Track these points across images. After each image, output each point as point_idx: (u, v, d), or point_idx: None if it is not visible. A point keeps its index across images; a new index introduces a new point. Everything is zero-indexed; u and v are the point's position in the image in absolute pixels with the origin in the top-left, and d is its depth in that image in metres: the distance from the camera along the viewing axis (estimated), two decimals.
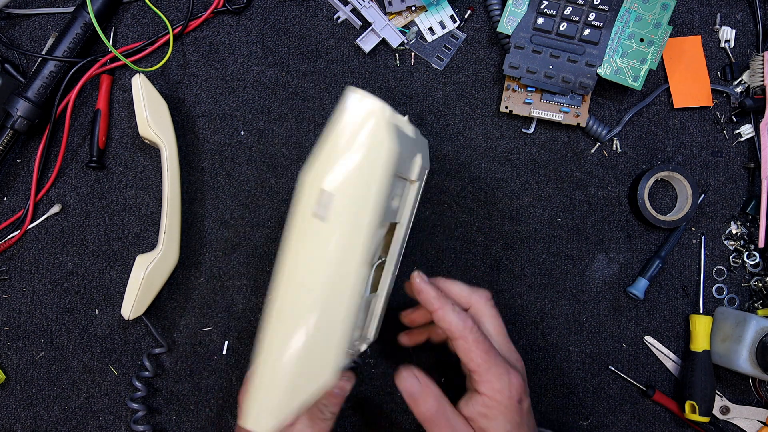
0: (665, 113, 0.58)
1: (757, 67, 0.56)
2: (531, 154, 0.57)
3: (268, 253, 0.56)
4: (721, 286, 0.58)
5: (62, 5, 0.56)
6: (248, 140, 0.56)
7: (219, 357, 0.56)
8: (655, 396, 0.56)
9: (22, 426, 0.55)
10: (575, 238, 0.57)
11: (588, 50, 0.52)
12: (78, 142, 0.56)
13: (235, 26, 0.56)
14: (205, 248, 0.56)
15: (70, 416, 0.55)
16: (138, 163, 0.56)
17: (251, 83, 0.56)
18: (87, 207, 0.56)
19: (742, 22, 0.58)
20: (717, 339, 0.56)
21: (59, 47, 0.53)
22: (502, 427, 0.40)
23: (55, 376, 0.55)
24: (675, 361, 0.58)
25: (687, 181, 0.56)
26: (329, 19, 0.56)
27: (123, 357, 0.56)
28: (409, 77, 0.57)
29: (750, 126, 0.57)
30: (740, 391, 0.58)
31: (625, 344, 0.58)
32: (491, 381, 0.40)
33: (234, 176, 0.56)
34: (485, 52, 0.57)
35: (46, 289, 0.55)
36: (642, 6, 0.52)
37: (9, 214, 0.55)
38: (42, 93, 0.53)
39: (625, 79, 0.53)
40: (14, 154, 0.55)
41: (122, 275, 0.56)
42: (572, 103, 0.55)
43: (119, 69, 0.56)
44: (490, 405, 0.40)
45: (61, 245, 0.56)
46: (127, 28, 0.56)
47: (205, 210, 0.56)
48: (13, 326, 0.55)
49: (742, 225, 0.58)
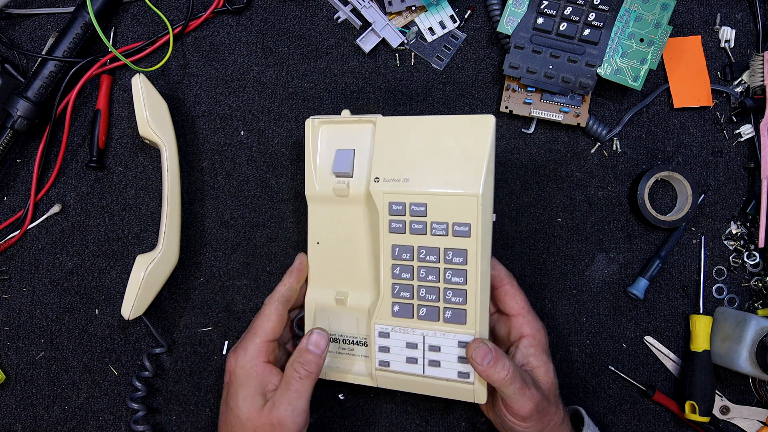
0: (665, 113, 0.58)
1: (757, 67, 0.56)
2: (531, 154, 0.57)
3: (268, 253, 0.56)
4: (721, 286, 0.58)
5: (62, 5, 0.56)
6: (248, 140, 0.56)
7: (219, 357, 0.56)
8: (655, 396, 0.56)
9: (22, 426, 0.55)
10: (575, 238, 0.57)
11: (588, 50, 0.52)
12: (78, 142, 0.56)
13: (235, 26, 0.56)
14: (205, 248, 0.56)
15: (70, 416, 0.55)
16: (138, 163, 0.56)
17: (251, 83, 0.56)
18: (87, 207, 0.56)
19: (742, 22, 0.58)
20: (717, 339, 0.56)
21: (59, 47, 0.53)
22: (545, 360, 0.47)
23: (55, 376, 0.55)
24: (675, 361, 0.58)
25: (687, 181, 0.56)
26: (329, 19, 0.56)
27: (123, 357, 0.56)
28: (409, 77, 0.57)
29: (750, 126, 0.57)
30: (740, 391, 0.58)
31: (625, 344, 0.58)
32: (532, 322, 0.47)
33: (234, 176, 0.56)
34: (485, 52, 0.57)
35: (46, 289, 0.55)
36: (642, 6, 0.52)
37: (9, 214, 0.55)
38: (42, 93, 0.53)
39: (625, 79, 0.53)
40: (14, 154, 0.55)
41: (122, 275, 0.56)
42: (572, 103, 0.55)
43: (119, 69, 0.56)
44: (534, 344, 0.47)
45: (61, 245, 0.56)
46: (127, 28, 0.56)
47: (205, 210, 0.56)
48: (13, 326, 0.55)
49: (742, 225, 0.58)
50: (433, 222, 0.45)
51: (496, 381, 0.43)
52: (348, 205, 0.49)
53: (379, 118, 0.48)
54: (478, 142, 0.44)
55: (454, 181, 0.45)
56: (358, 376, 0.50)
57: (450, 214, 0.45)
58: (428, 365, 0.47)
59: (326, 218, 0.50)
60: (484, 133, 0.44)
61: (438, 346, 0.46)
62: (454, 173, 0.45)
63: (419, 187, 0.45)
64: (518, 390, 0.43)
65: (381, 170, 0.47)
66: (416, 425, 0.57)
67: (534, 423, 0.44)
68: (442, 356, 0.46)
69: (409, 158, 0.46)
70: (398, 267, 0.47)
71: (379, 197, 0.46)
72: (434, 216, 0.45)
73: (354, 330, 0.50)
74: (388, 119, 0.48)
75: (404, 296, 0.47)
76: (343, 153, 0.49)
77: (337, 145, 0.49)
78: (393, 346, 0.47)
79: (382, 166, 0.47)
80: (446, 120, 0.46)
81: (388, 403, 0.57)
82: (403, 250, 0.46)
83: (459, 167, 0.45)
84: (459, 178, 0.44)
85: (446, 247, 0.45)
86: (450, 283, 0.45)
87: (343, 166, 0.48)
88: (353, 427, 0.57)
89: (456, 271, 0.45)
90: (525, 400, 0.43)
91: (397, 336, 0.47)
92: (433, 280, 0.46)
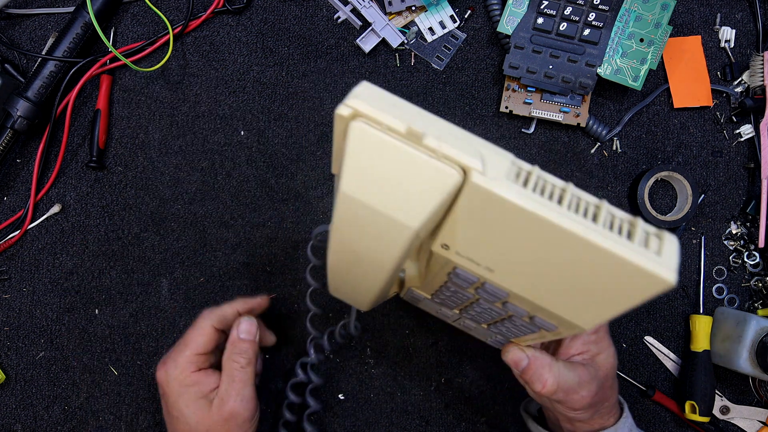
0: (665, 113, 0.58)
1: (757, 67, 0.56)
2: (531, 154, 0.57)
3: (268, 253, 0.56)
4: (721, 286, 0.58)
5: (62, 5, 0.56)
6: (248, 140, 0.56)
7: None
8: (655, 396, 0.56)
9: (22, 426, 0.55)
10: None
11: (588, 50, 0.52)
12: (78, 142, 0.56)
13: (235, 26, 0.56)
14: (205, 248, 0.56)
15: (70, 416, 0.55)
16: (138, 163, 0.56)
17: (251, 83, 0.56)
18: (87, 207, 0.56)
19: (742, 22, 0.58)
20: (717, 339, 0.56)
21: (59, 47, 0.53)
22: (607, 345, 0.44)
23: (55, 376, 0.55)
24: (675, 361, 0.58)
25: (687, 181, 0.56)
26: (329, 19, 0.56)
27: (123, 357, 0.56)
28: (409, 77, 0.57)
29: (750, 126, 0.57)
30: (740, 391, 0.58)
31: (625, 344, 0.58)
32: None
33: (234, 176, 0.56)
34: (485, 52, 0.57)
35: (46, 289, 0.55)
36: (642, 6, 0.52)
37: (9, 214, 0.55)
38: (42, 93, 0.53)
39: (625, 79, 0.53)
40: (14, 154, 0.55)
41: (122, 275, 0.56)
42: (572, 103, 0.55)
43: (119, 69, 0.56)
44: (597, 329, 0.44)
45: (61, 245, 0.56)
46: (127, 28, 0.56)
47: (205, 210, 0.56)
48: (13, 326, 0.55)
49: (742, 225, 0.58)
50: (508, 303, 0.33)
51: (533, 391, 0.41)
52: None
53: (475, 174, 0.26)
54: (626, 297, 0.27)
55: (567, 304, 0.30)
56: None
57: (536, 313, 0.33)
58: None
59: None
60: (641, 292, 0.27)
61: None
62: (572, 296, 0.29)
63: (509, 284, 0.31)
64: (563, 398, 0.41)
65: (454, 240, 0.30)
66: (416, 425, 0.57)
67: (586, 411, 0.43)
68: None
69: (507, 249, 0.29)
70: (451, 289, 0.37)
71: (445, 262, 0.32)
72: (513, 302, 0.33)
73: None
74: (493, 196, 0.26)
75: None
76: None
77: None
78: None
79: (457, 238, 0.30)
80: (606, 254, 0.26)
81: (388, 403, 0.57)
82: (461, 283, 0.34)
83: (584, 295, 0.29)
84: (576, 305, 0.30)
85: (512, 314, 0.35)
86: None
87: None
88: (353, 427, 0.57)
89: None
90: (575, 402, 0.41)
91: None
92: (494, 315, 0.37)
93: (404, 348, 0.57)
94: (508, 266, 0.30)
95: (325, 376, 0.56)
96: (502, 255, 0.29)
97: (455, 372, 0.57)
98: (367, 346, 0.57)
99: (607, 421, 0.45)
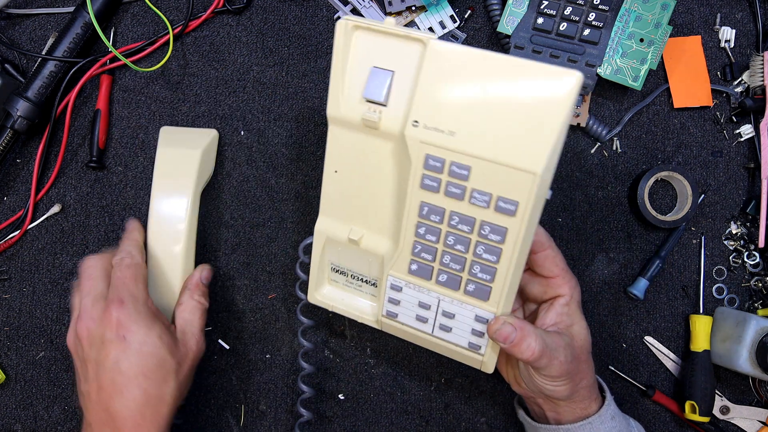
0: (665, 113, 0.58)
1: (757, 67, 0.56)
2: None
3: (268, 253, 0.56)
4: (721, 286, 0.58)
5: (62, 5, 0.56)
6: (248, 140, 0.56)
7: (219, 357, 0.56)
8: (655, 396, 0.56)
9: (22, 426, 0.55)
10: (575, 238, 0.57)
11: (588, 50, 0.52)
12: (78, 142, 0.56)
13: (235, 26, 0.56)
14: (205, 248, 0.56)
15: (70, 416, 0.55)
16: (138, 163, 0.56)
17: (251, 83, 0.56)
18: (87, 207, 0.56)
19: (742, 22, 0.58)
20: (717, 339, 0.56)
21: (59, 47, 0.53)
22: (579, 317, 0.47)
23: (55, 376, 0.55)
24: (675, 361, 0.58)
25: (687, 181, 0.56)
26: (329, 19, 0.56)
27: None
28: None
29: (750, 126, 0.57)
30: (740, 391, 0.58)
31: (625, 344, 0.58)
32: (570, 281, 0.47)
33: (234, 176, 0.56)
34: None
35: (46, 289, 0.55)
36: (642, 6, 0.52)
37: (9, 214, 0.55)
38: (42, 93, 0.53)
39: (625, 79, 0.53)
40: (14, 154, 0.55)
41: None
42: None
43: (119, 69, 0.56)
44: (569, 302, 0.46)
45: (61, 245, 0.56)
46: (127, 28, 0.56)
47: (206, 210, 0.56)
48: (13, 326, 0.55)
49: (742, 225, 0.58)
50: (474, 189, 0.38)
51: (520, 359, 0.42)
52: (376, 138, 0.42)
53: (432, 40, 0.38)
54: (553, 105, 0.35)
55: (511, 149, 0.37)
56: (363, 315, 0.48)
57: (497, 185, 0.38)
58: (438, 328, 0.44)
59: (348, 146, 0.43)
60: (563, 94, 0.35)
61: (453, 313, 0.43)
62: (514, 139, 0.36)
63: (466, 146, 0.38)
64: (546, 363, 0.42)
65: (422, 112, 0.38)
66: (416, 425, 0.57)
67: (564, 382, 0.44)
68: (455, 324, 0.43)
69: (460, 104, 0.37)
70: (424, 227, 0.41)
71: (415, 146, 0.39)
72: (477, 183, 0.38)
73: (365, 270, 0.47)
74: (444, 45, 0.38)
75: (425, 257, 0.42)
76: (379, 74, 0.40)
77: (373, 61, 0.40)
78: (404, 301, 0.44)
79: (424, 107, 0.38)
80: (520, 64, 0.36)
81: (388, 403, 0.57)
82: (433, 210, 0.40)
83: (521, 132, 0.36)
84: (518, 146, 0.36)
85: (484, 220, 0.39)
86: (480, 258, 0.40)
87: (377, 92, 0.40)
88: (353, 427, 0.57)
89: (490, 247, 0.40)
90: (554, 368, 0.42)
91: (410, 293, 0.44)
92: (461, 251, 0.41)
93: (404, 348, 0.57)
94: (466, 126, 0.37)
95: (325, 375, 0.56)
96: (459, 113, 0.37)
97: (455, 372, 0.57)
98: (367, 346, 0.57)
99: (590, 407, 0.46)
